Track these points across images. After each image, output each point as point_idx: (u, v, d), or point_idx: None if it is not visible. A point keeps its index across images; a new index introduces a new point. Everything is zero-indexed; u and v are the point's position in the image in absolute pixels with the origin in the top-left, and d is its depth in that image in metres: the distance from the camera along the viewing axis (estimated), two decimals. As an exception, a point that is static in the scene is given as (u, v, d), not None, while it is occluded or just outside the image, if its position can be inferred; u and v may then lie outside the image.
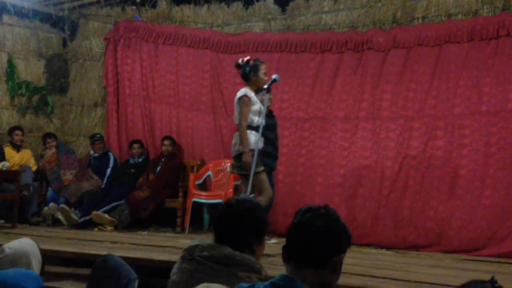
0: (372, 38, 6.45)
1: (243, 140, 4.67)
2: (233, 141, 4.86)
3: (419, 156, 6.03)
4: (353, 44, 6.54)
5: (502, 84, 5.74)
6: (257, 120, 4.72)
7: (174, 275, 2.34)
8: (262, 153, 4.76)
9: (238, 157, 4.75)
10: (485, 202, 5.64)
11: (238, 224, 2.24)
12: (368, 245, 6.00)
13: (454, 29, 6.07)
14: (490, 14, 6.07)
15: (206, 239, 2.31)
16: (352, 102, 6.48)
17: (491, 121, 5.72)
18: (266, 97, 4.35)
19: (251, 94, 4.79)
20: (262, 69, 4.91)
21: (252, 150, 4.61)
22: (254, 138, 4.67)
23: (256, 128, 4.70)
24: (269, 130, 5.30)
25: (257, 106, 4.76)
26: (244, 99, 4.75)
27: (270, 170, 5.39)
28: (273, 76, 4.68)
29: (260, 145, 4.64)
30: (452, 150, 5.87)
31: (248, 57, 4.96)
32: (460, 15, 6.26)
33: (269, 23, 7.30)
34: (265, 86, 4.47)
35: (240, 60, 4.94)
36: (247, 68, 4.87)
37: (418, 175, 6.01)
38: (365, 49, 6.46)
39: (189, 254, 2.28)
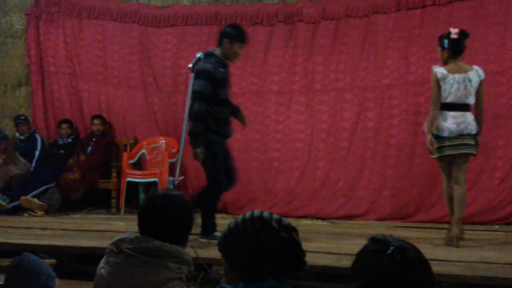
0: (302, 10, 6.43)
1: (483, 122, 4.46)
2: (463, 120, 4.35)
3: (352, 128, 6.14)
4: (284, 16, 6.49)
5: (428, 54, 5.86)
6: None
7: (101, 269, 2.27)
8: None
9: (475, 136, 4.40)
10: (415, 171, 5.83)
11: (161, 219, 2.19)
12: (304, 217, 6.08)
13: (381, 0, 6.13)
14: (416, -17, 6.15)
15: (132, 233, 2.24)
16: (285, 75, 6.47)
17: (419, 91, 5.87)
18: (192, 76, 4.17)
19: None
20: None
21: None
22: None
23: None
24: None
25: None
26: None
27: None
28: (198, 55, 4.42)
29: None
30: (382, 121, 6.02)
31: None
32: (387, -15, 6.32)
33: (198, -5, 7.12)
34: (189, 65, 4.27)
35: (456, 33, 4.34)
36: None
37: (352, 147, 6.12)
38: (296, 21, 6.44)
39: (116, 247, 2.23)
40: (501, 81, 5.63)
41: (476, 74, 4.38)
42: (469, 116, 4.38)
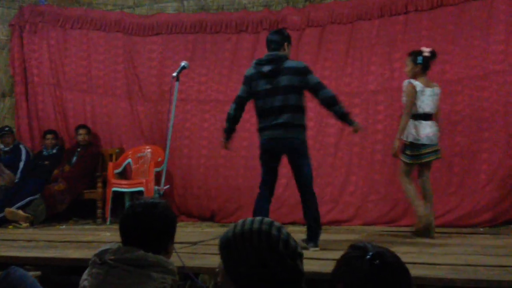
0: (287, 17, 6.45)
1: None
2: (436, 129, 4.83)
3: (338, 134, 6.15)
4: (268, 24, 6.51)
5: (412, 59, 5.90)
6: None
7: (84, 281, 2.25)
8: None
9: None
10: (401, 175, 5.84)
11: (141, 226, 2.18)
12: (292, 223, 6.07)
13: (365, 6, 6.18)
14: (399, -10, 6.20)
15: (116, 243, 2.22)
16: (270, 82, 6.46)
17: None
18: (176, 85, 4.17)
19: None
20: None
21: None
22: None
23: None
24: None
25: None
26: None
27: None
28: (182, 63, 4.42)
29: None
30: (368, 126, 6.03)
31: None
32: (370, -9, 6.36)
33: (182, 4, 7.13)
34: (174, 74, 4.26)
35: (429, 52, 4.81)
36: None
37: (338, 152, 6.13)
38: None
39: (100, 258, 2.21)
40: (484, 85, 5.68)
41: (438, 89, 4.90)
42: (436, 125, 4.86)
